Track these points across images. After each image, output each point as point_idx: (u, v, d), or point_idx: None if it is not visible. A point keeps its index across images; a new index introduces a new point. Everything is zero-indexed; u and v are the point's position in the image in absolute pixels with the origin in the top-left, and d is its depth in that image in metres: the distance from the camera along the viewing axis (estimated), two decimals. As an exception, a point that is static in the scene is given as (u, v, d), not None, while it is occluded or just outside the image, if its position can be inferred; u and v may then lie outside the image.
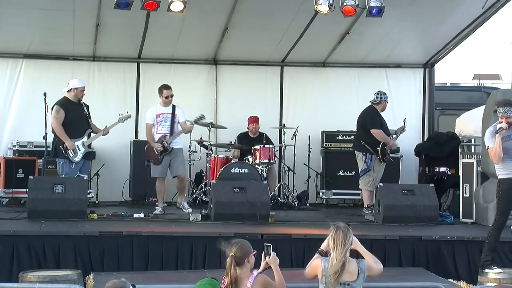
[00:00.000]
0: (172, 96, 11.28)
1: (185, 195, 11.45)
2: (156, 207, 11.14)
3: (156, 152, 11.10)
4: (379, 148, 11.38)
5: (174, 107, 11.27)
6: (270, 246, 6.29)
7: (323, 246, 6.46)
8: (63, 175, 10.77)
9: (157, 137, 11.19)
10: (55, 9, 11.50)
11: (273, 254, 6.22)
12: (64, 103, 10.85)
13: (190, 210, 11.00)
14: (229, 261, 6.05)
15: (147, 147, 11.33)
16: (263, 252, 6.26)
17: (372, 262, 6.43)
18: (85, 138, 10.89)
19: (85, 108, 11.00)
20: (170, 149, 11.10)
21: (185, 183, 11.38)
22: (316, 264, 6.39)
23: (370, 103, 11.76)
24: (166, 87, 11.34)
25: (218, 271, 7.69)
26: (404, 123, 11.94)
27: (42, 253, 8.77)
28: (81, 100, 10.99)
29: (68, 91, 10.92)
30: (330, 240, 6.30)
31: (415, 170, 13.69)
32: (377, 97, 11.69)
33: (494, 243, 8.48)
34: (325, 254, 6.40)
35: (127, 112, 11.39)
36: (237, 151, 12.79)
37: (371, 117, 11.58)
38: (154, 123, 11.22)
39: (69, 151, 10.68)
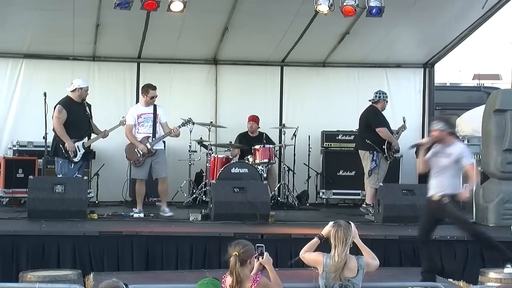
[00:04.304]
0: (156, 97, 11.04)
1: (167, 199, 11.16)
2: (134, 209, 10.88)
3: (138, 154, 10.91)
4: (385, 146, 11.43)
5: (155, 106, 11.05)
6: (262, 246, 6.31)
7: (324, 232, 6.59)
8: (61, 175, 10.77)
9: (139, 137, 10.95)
10: (55, 9, 11.50)
11: (266, 254, 6.24)
12: (66, 103, 10.84)
13: (170, 214, 10.86)
14: (233, 260, 6.04)
15: (128, 148, 11.08)
16: (256, 253, 6.28)
17: (370, 258, 6.59)
18: (85, 139, 10.89)
19: (87, 108, 11.00)
20: (154, 151, 10.92)
21: (166, 185, 11.09)
22: (318, 259, 6.50)
23: (370, 102, 11.80)
24: (152, 87, 11.05)
25: (218, 271, 7.71)
26: (404, 122, 12.02)
27: (42, 253, 8.77)
28: (85, 100, 10.99)
29: (73, 91, 10.91)
30: (331, 238, 6.42)
31: (415, 170, 13.65)
32: (375, 96, 11.75)
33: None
34: (325, 239, 6.56)
35: None
36: (236, 149, 12.78)
37: (374, 116, 11.62)
38: (135, 123, 10.98)
39: (69, 152, 10.67)
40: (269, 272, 6.24)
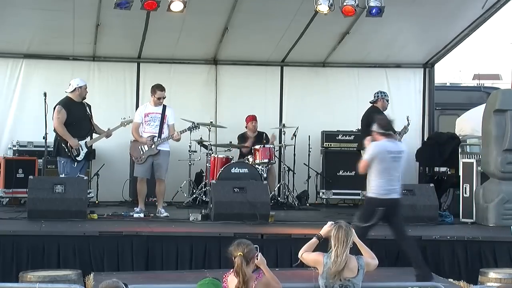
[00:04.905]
0: (164, 98, 11.05)
1: (163, 200, 11.20)
2: (135, 209, 10.89)
3: (141, 152, 10.95)
4: None
5: (164, 107, 11.07)
6: (256, 247, 6.34)
7: (322, 232, 6.61)
8: (63, 175, 10.77)
9: (144, 136, 10.99)
10: (55, 9, 11.51)
11: (259, 255, 6.26)
12: (66, 103, 10.86)
13: (165, 214, 10.87)
14: (239, 261, 6.06)
15: (132, 145, 11.15)
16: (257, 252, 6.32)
17: (369, 258, 6.65)
18: (87, 139, 10.91)
19: (87, 108, 11.03)
20: (157, 151, 10.94)
21: (163, 187, 11.11)
22: (318, 259, 6.52)
23: (371, 104, 11.83)
24: (160, 88, 11.08)
25: (218, 271, 7.72)
26: (408, 120, 12.06)
27: (42, 253, 8.77)
28: (85, 98, 11.00)
29: (72, 91, 10.93)
30: (332, 239, 6.43)
31: (415, 170, 13.68)
32: (375, 96, 11.84)
33: None
34: (324, 239, 6.62)
35: (129, 117, 11.35)
36: (249, 141, 12.73)
37: (374, 117, 11.63)
38: (142, 122, 11.03)
39: (73, 150, 10.68)
40: (264, 272, 6.27)
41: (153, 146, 10.88)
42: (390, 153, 8.29)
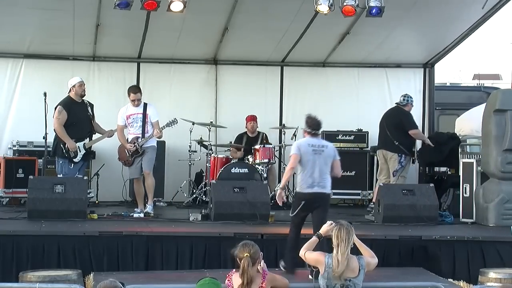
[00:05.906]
0: (139, 100, 10.98)
1: (152, 194, 11.06)
2: (136, 210, 10.87)
3: (127, 154, 10.96)
4: (415, 149, 11.51)
5: (145, 105, 11.02)
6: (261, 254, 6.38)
7: (321, 231, 6.63)
8: (61, 175, 10.78)
9: (129, 137, 11.02)
10: (55, 9, 11.50)
11: (262, 262, 6.31)
12: (67, 104, 10.85)
13: (148, 211, 10.82)
14: (246, 262, 6.10)
15: (119, 148, 11.17)
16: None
17: (369, 257, 6.71)
18: (86, 140, 10.90)
19: (89, 109, 11.02)
20: (142, 151, 10.93)
21: (150, 180, 10.97)
22: (319, 259, 6.55)
23: (396, 105, 11.83)
24: (133, 90, 11.05)
25: (218, 271, 7.73)
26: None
27: (42, 253, 8.78)
28: (84, 95, 10.99)
29: (69, 92, 10.95)
30: (334, 238, 6.46)
31: (415, 170, 13.66)
32: (403, 99, 11.90)
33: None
34: (323, 238, 6.72)
35: None
36: (239, 152, 12.73)
37: (407, 118, 11.75)
38: (125, 124, 11.05)
39: (70, 152, 10.69)
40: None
41: (137, 147, 10.87)
42: (312, 146, 8.55)
